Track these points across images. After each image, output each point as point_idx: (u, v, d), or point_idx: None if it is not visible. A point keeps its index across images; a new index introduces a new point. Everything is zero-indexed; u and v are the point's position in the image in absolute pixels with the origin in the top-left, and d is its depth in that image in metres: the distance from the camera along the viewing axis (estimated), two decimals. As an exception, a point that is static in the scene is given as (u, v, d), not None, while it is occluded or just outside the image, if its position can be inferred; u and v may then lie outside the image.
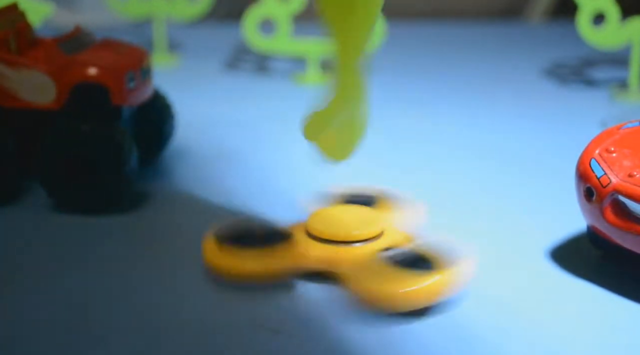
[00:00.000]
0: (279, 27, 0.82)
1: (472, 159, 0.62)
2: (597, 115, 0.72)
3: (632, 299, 0.42)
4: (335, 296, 0.42)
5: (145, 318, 0.40)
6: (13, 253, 0.47)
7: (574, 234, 0.49)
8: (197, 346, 0.38)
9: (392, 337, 0.39)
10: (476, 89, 0.82)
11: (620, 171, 0.43)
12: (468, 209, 0.52)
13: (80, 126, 0.50)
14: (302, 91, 0.81)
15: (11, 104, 0.52)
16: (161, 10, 0.88)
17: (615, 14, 0.76)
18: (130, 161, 0.51)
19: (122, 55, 0.54)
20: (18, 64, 0.52)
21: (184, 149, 0.62)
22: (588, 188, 0.44)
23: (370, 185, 0.51)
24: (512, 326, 0.40)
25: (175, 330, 0.39)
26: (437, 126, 0.70)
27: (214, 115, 0.72)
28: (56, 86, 0.52)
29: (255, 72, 0.88)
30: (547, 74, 0.87)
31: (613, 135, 0.45)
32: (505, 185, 0.57)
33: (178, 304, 0.42)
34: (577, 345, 0.38)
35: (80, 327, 0.39)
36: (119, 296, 0.42)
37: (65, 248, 0.47)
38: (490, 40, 1.04)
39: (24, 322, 0.40)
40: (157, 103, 0.58)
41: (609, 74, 0.86)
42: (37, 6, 0.77)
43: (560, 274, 0.44)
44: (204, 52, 0.95)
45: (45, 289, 0.43)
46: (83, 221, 0.50)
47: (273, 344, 0.38)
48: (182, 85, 0.79)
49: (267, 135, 0.67)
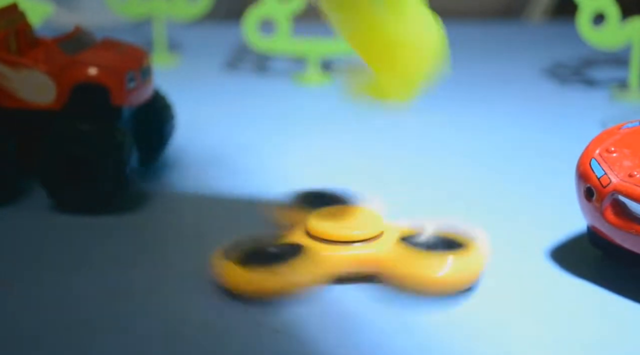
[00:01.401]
0: (279, 27, 0.82)
1: (472, 158, 0.62)
2: (597, 115, 0.72)
3: (632, 298, 0.42)
4: (335, 296, 0.42)
5: (146, 318, 0.40)
6: (13, 253, 0.47)
7: (574, 234, 0.49)
8: (198, 345, 0.38)
9: (392, 336, 0.39)
10: (476, 88, 0.82)
11: (620, 171, 0.43)
12: (467, 209, 0.51)
13: (80, 126, 0.50)
14: (302, 91, 0.81)
15: (11, 104, 0.52)
16: (161, 10, 0.88)
17: (615, 14, 0.76)
18: (130, 161, 0.51)
19: (122, 55, 0.54)
20: (18, 64, 0.52)
21: (184, 149, 0.62)
22: (588, 188, 0.44)
23: (335, 185, 0.51)
24: (512, 326, 0.40)
25: (175, 330, 0.39)
26: (437, 126, 0.70)
27: (214, 116, 0.72)
28: (56, 86, 0.52)
29: (255, 72, 0.88)
30: (547, 74, 0.87)
31: (613, 135, 0.45)
32: (505, 185, 0.57)
33: (177, 303, 0.42)
34: (577, 344, 0.38)
35: (81, 327, 0.39)
36: (119, 296, 0.42)
37: (65, 248, 0.47)
38: (490, 40, 1.04)
39: (25, 322, 0.40)
40: (157, 103, 0.58)
41: (609, 74, 0.86)
42: (37, 6, 0.77)
43: (560, 274, 0.44)
44: (204, 52, 0.96)
45: (45, 289, 0.42)
46: (83, 221, 0.50)
47: (273, 343, 0.38)
48: (182, 85, 0.79)
49: (267, 135, 0.67)
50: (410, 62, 0.39)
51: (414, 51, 0.40)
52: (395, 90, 0.39)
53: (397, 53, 0.39)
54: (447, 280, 0.41)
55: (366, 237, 0.43)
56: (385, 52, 0.39)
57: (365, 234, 0.43)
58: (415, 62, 0.39)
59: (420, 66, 0.39)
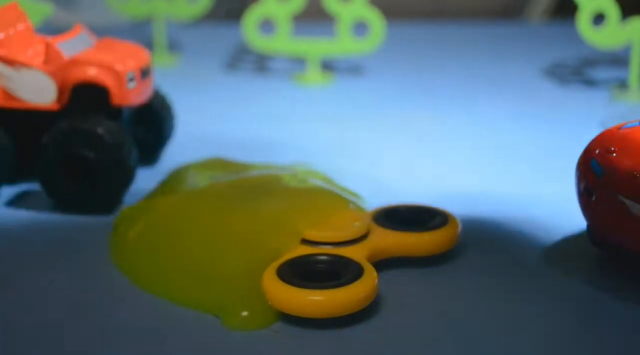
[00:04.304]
0: (279, 27, 0.82)
1: (472, 158, 0.62)
2: (597, 115, 0.72)
3: (632, 299, 0.42)
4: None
5: (146, 317, 0.40)
6: (13, 253, 0.47)
7: (574, 234, 0.49)
8: (198, 345, 0.38)
9: (392, 336, 0.39)
10: (476, 89, 0.82)
11: (620, 171, 0.43)
12: (467, 209, 0.51)
13: (80, 126, 0.50)
14: (302, 91, 0.81)
15: (11, 104, 0.52)
16: (161, 10, 0.88)
17: (615, 14, 0.76)
18: (130, 161, 0.51)
19: (122, 55, 0.54)
20: (18, 64, 0.52)
21: (184, 149, 0.62)
22: (588, 188, 0.43)
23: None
24: (512, 325, 0.40)
25: (175, 330, 0.39)
26: (437, 125, 0.70)
27: (214, 115, 0.72)
28: (56, 86, 0.52)
29: (255, 72, 0.88)
30: (547, 74, 0.87)
31: (613, 135, 0.45)
32: (504, 185, 0.57)
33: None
34: (577, 344, 0.38)
35: (81, 327, 0.39)
36: (119, 296, 0.42)
37: (65, 248, 0.47)
38: (491, 40, 1.04)
39: (25, 322, 0.40)
40: (157, 103, 0.58)
41: (609, 74, 0.86)
42: (37, 6, 0.77)
43: (560, 274, 0.44)
44: (204, 52, 0.96)
45: (45, 289, 0.42)
46: (83, 221, 0.50)
47: (273, 343, 0.38)
48: (182, 85, 0.79)
49: (267, 135, 0.67)
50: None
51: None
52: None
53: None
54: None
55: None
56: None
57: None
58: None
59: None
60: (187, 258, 0.43)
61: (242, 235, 0.43)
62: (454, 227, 0.45)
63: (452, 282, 0.44)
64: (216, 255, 0.42)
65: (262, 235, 0.43)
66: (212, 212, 0.46)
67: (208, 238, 0.43)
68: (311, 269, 0.41)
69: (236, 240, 0.43)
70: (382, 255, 0.44)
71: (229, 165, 0.56)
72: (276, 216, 0.44)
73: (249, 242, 0.43)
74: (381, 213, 0.46)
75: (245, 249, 0.42)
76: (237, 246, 0.42)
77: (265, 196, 0.47)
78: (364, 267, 0.40)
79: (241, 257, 0.42)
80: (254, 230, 0.43)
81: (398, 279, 0.44)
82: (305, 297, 0.38)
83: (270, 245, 0.42)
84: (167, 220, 0.46)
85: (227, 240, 0.43)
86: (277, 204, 0.46)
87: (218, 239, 0.43)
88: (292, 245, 0.43)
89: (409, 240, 0.44)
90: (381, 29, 0.80)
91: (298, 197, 0.47)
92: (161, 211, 0.47)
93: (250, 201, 0.46)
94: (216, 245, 0.43)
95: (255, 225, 0.44)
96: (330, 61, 0.89)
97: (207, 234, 0.44)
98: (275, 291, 0.39)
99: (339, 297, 0.38)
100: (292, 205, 0.46)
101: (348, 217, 0.45)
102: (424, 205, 0.47)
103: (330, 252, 0.42)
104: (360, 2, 0.80)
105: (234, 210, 0.45)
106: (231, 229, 0.44)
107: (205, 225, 0.44)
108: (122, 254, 0.45)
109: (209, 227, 0.44)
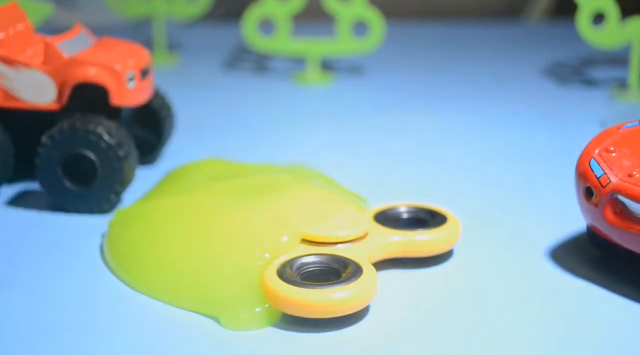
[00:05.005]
0: (279, 27, 0.82)
1: (471, 158, 0.62)
2: (597, 115, 0.72)
3: (632, 299, 0.42)
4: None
5: (147, 317, 0.40)
6: (13, 253, 0.47)
7: (574, 234, 0.49)
8: (198, 346, 0.38)
9: (392, 336, 0.39)
10: (476, 89, 0.82)
11: (620, 171, 0.43)
12: (466, 209, 0.51)
13: (80, 126, 0.50)
14: (302, 91, 0.81)
15: (11, 104, 0.52)
16: (161, 10, 0.88)
17: (615, 14, 0.76)
18: (130, 161, 0.51)
19: (122, 55, 0.54)
20: (18, 64, 0.52)
21: (183, 149, 0.62)
22: (588, 188, 0.44)
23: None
24: (512, 325, 0.40)
25: (175, 330, 0.39)
26: (436, 125, 0.70)
27: (214, 115, 0.72)
28: (56, 86, 0.52)
29: (255, 72, 0.88)
30: (547, 74, 0.87)
31: (613, 135, 0.45)
32: (504, 185, 0.57)
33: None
34: (577, 344, 0.38)
35: (81, 328, 0.39)
36: (120, 295, 0.42)
37: (65, 248, 0.47)
38: (490, 40, 1.05)
39: (24, 322, 0.40)
40: (157, 103, 0.58)
41: (609, 74, 0.86)
42: (37, 6, 0.77)
43: (560, 274, 0.44)
44: (204, 52, 0.96)
45: (45, 289, 0.42)
46: (83, 221, 0.50)
47: (273, 343, 0.38)
48: (182, 85, 0.79)
49: (267, 135, 0.67)
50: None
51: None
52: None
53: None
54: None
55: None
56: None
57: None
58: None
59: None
60: (186, 258, 0.43)
61: (242, 235, 0.43)
62: (454, 227, 0.45)
63: (452, 282, 0.44)
64: (216, 255, 0.42)
65: (262, 235, 0.43)
66: (211, 212, 0.46)
67: (207, 238, 0.43)
68: (311, 269, 0.41)
69: (236, 240, 0.43)
70: (382, 255, 0.44)
71: (229, 165, 0.56)
72: (276, 216, 0.44)
73: (249, 242, 0.43)
74: (381, 213, 0.46)
75: (245, 249, 0.42)
76: (237, 246, 0.42)
77: (265, 196, 0.46)
78: (364, 267, 0.40)
79: (241, 257, 0.42)
80: (254, 230, 0.43)
81: (398, 279, 0.44)
82: (305, 297, 0.38)
83: (270, 245, 0.42)
84: (166, 221, 0.46)
85: (227, 241, 0.43)
86: (277, 204, 0.46)
87: (217, 239, 0.43)
88: (292, 245, 0.43)
89: (409, 240, 0.44)
90: (381, 29, 0.80)
91: (298, 197, 0.47)
92: (160, 211, 0.47)
93: (250, 201, 0.46)
94: (216, 245, 0.43)
95: (255, 225, 0.44)
96: (330, 61, 0.89)
97: (206, 234, 0.44)
98: (275, 291, 0.39)
99: (339, 297, 0.38)
100: (292, 205, 0.46)
101: (348, 217, 0.45)
102: (424, 205, 0.47)
103: (330, 252, 0.42)
104: (360, 2, 0.80)
105: (234, 210, 0.45)
106: (231, 229, 0.44)
107: (204, 225, 0.44)
108: (121, 255, 0.45)
109: (209, 228, 0.44)
